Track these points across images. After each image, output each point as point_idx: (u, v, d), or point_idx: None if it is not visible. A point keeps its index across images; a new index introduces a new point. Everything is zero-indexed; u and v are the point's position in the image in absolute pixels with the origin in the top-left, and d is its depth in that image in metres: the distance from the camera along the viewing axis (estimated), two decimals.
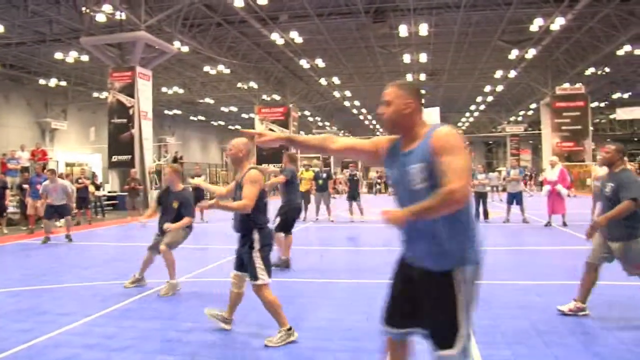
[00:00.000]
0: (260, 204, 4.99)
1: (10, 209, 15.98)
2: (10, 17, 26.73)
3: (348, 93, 44.61)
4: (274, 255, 6.45)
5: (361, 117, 57.84)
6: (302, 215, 14.66)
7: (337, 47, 31.44)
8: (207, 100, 49.24)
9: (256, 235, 4.96)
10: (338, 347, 4.86)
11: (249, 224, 4.98)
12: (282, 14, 25.43)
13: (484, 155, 73.01)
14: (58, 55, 32.20)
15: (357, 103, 49.50)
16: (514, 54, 30.49)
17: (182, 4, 24.25)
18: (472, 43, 30.50)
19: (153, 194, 24.95)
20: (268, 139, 3.24)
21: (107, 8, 23.95)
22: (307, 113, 53.68)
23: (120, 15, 24.09)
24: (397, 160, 2.79)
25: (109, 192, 25.07)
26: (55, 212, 12.95)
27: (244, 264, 5.08)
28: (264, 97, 43.99)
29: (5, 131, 41.92)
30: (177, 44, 27.77)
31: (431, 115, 11.00)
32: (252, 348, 4.91)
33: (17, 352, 4.77)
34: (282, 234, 8.69)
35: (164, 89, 40.71)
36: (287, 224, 8.85)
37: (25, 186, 15.81)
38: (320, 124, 59.06)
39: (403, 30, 26.24)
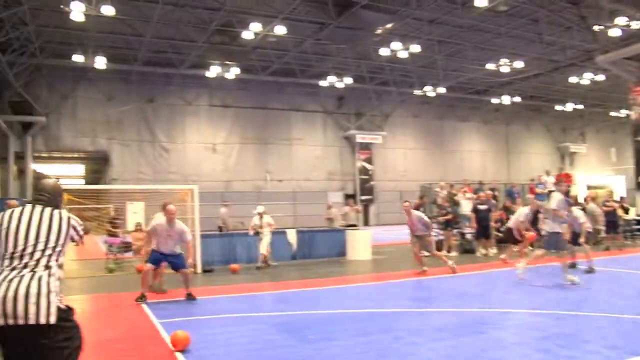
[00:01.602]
0: None
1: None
2: (528, 52, 28.52)
3: None
4: None
5: None
6: None
7: None
8: None
9: None
10: None
11: None
12: None
13: None
14: (573, 80, 32.40)
15: None
16: None
17: None
18: None
19: None
20: None
21: (621, 21, 22.77)
22: None
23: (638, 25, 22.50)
24: None
25: (638, 215, 23.12)
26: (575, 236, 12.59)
27: None
28: None
29: (528, 157, 44.72)
30: None
31: None
32: None
33: None
34: None
35: None
36: None
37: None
38: None
39: None
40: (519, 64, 28.94)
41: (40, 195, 3.50)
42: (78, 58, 27.09)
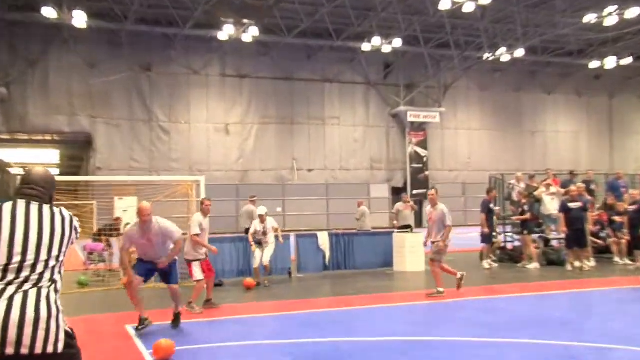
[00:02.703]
0: None
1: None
2: None
3: None
4: None
5: None
6: None
7: None
8: None
9: None
10: None
11: None
12: None
13: None
14: None
15: None
16: None
17: None
18: None
19: None
20: None
21: None
22: None
23: None
24: None
25: None
26: None
27: None
28: None
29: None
30: None
31: None
32: None
33: None
34: None
35: None
36: None
37: None
38: None
39: None
40: (632, 12, 27.63)
41: (30, 190, 3.41)
42: (49, 13, 27.10)
